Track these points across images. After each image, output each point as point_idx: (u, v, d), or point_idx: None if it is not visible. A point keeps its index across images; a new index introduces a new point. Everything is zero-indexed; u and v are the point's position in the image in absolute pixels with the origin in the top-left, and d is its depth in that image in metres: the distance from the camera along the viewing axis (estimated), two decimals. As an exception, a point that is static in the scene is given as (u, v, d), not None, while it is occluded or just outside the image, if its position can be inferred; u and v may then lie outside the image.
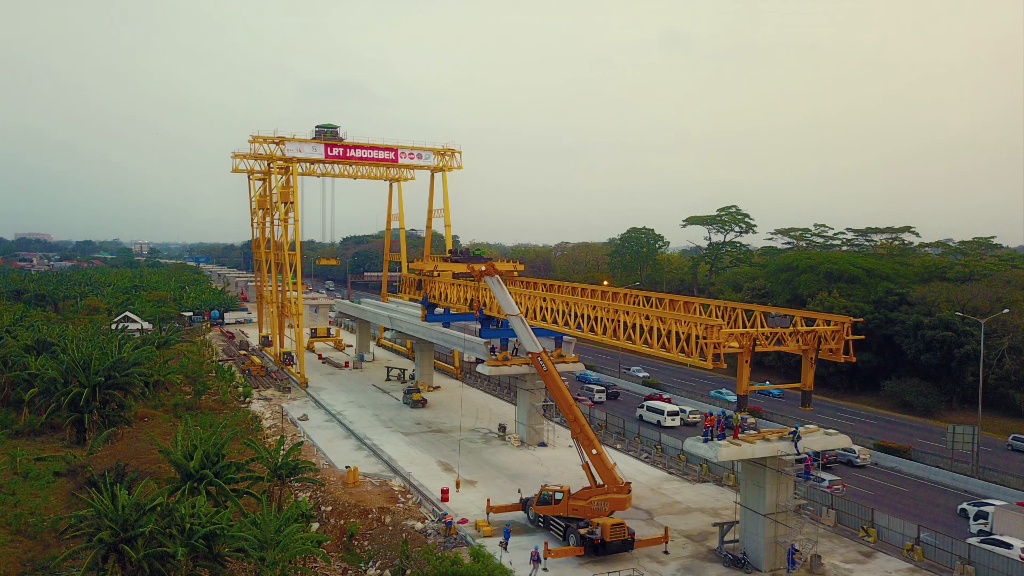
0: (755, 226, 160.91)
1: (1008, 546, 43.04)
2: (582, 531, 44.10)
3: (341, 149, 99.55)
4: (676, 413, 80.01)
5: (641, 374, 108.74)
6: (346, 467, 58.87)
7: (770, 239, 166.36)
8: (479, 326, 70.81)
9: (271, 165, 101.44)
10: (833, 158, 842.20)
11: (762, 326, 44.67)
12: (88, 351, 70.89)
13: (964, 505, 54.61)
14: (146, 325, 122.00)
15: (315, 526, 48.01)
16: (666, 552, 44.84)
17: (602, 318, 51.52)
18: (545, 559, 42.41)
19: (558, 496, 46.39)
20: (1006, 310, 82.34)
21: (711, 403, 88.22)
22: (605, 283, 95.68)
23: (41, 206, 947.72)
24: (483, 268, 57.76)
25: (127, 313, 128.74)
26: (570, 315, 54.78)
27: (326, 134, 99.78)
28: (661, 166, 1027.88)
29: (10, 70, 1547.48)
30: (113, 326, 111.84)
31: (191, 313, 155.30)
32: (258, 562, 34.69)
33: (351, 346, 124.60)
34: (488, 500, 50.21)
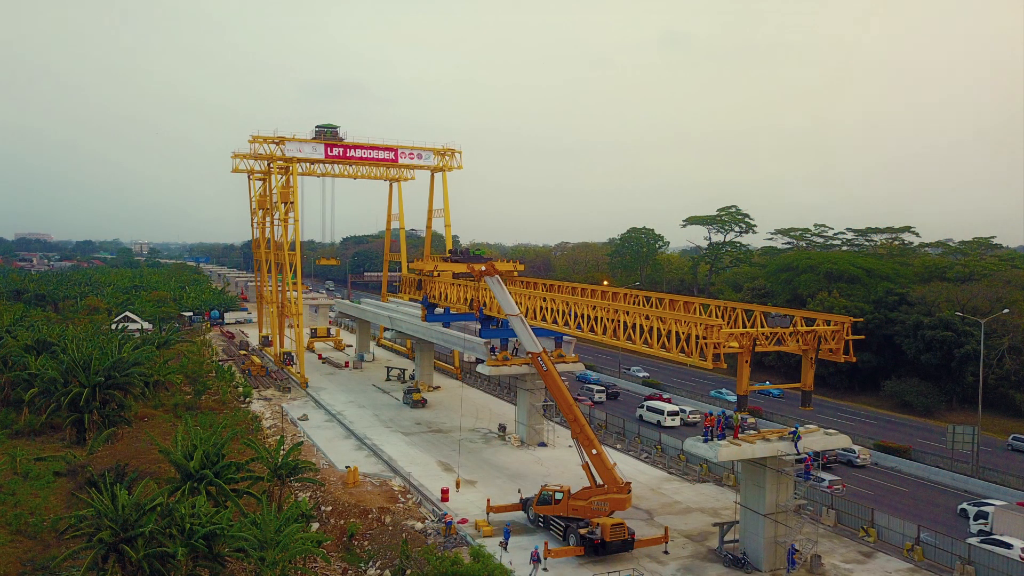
0: (755, 226, 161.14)
1: (1008, 546, 43.05)
2: (582, 531, 44.10)
3: (341, 149, 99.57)
4: (676, 413, 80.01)
5: (641, 374, 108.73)
6: (346, 467, 58.86)
7: (770, 239, 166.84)
8: (479, 326, 70.80)
9: (271, 165, 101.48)
10: (833, 158, 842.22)
11: (762, 326, 44.66)
12: (88, 351, 70.90)
13: (964, 505, 54.61)
14: (146, 325, 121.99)
15: (315, 526, 48.01)
16: (666, 552, 44.85)
17: (602, 318, 51.50)
18: (545, 559, 42.41)
19: (558, 496, 46.38)
20: (1006, 310, 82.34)
21: (711, 403, 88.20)
22: (605, 283, 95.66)
23: (41, 206, 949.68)
24: (483, 268, 57.75)
25: (127, 313, 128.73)
26: (570, 315, 54.76)
27: (326, 134, 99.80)
28: (661, 166, 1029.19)
29: (10, 70, 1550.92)
30: (113, 326, 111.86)
31: (191, 313, 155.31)
32: (258, 562, 34.69)
33: (351, 346, 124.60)
34: (488, 500, 50.21)
